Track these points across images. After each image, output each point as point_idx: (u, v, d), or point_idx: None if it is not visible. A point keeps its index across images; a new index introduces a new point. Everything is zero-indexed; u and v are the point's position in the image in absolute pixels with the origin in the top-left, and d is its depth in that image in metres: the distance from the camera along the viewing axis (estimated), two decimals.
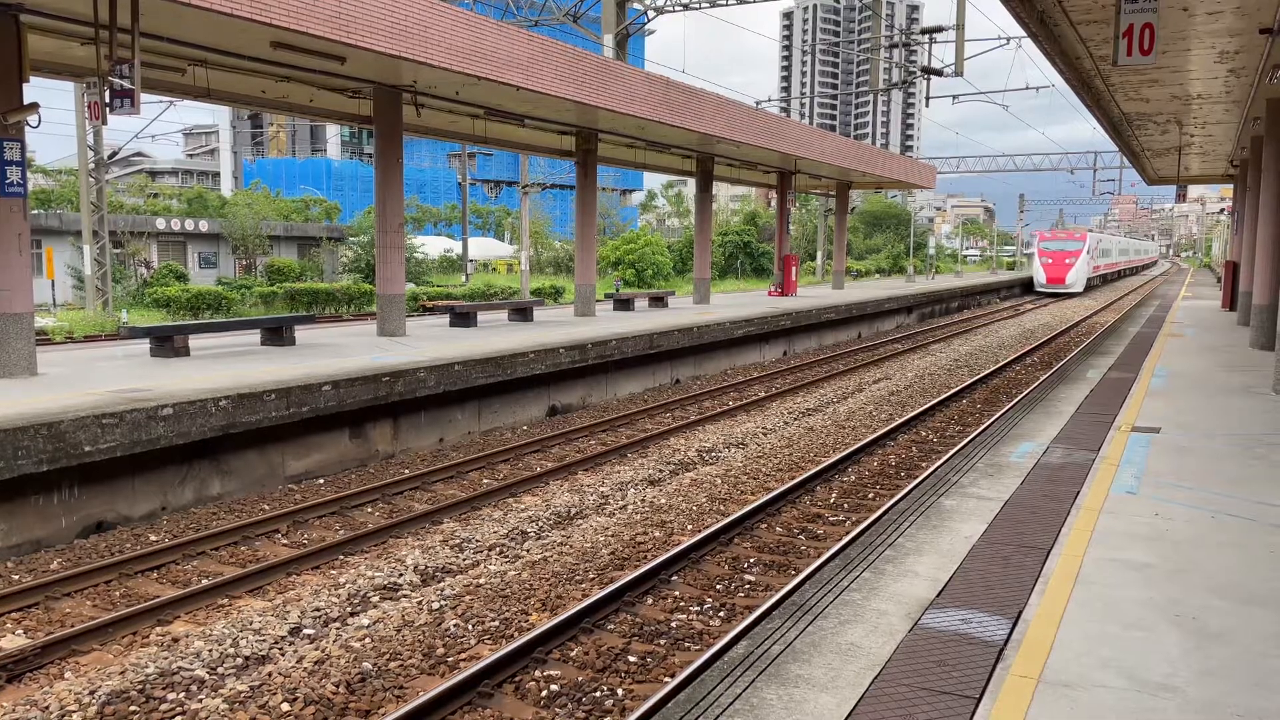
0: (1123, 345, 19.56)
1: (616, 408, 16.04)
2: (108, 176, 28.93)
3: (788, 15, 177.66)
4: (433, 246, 47.32)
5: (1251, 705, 3.93)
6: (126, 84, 10.67)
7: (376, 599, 7.32)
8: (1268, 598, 5.12)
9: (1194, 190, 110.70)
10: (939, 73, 26.80)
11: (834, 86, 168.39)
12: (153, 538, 8.88)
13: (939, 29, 27.62)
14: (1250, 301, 18.44)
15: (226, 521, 9.36)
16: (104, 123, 11.17)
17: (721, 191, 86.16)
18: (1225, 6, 10.92)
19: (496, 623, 6.85)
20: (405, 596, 7.37)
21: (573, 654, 6.35)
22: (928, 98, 29.02)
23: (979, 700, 3.99)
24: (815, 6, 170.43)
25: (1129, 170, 53.49)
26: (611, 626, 6.81)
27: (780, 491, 9.97)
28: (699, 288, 27.25)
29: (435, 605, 7.12)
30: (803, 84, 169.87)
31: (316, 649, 6.36)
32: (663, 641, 6.58)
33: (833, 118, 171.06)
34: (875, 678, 4.19)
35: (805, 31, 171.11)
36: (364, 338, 16.09)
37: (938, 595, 5.19)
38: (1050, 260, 52.76)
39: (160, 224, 35.55)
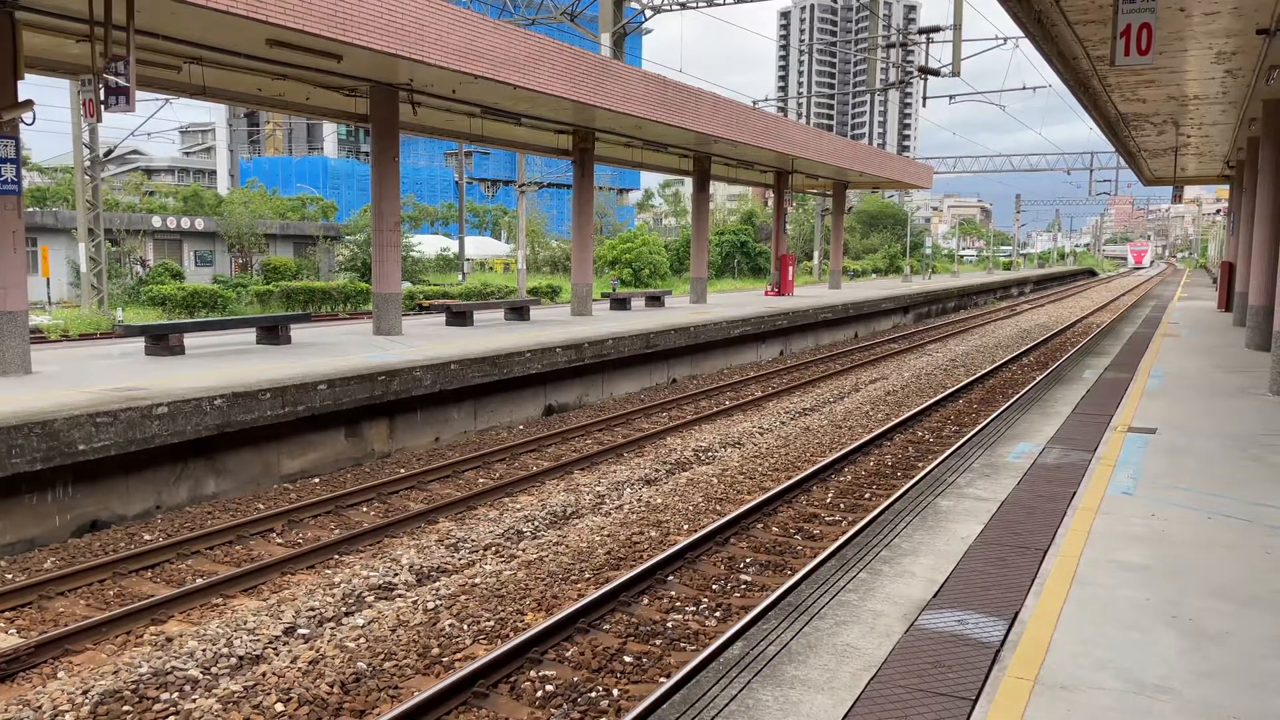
0: (1119, 346, 19.58)
1: (613, 407, 16.02)
2: (103, 174, 28.86)
3: (785, 15, 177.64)
4: (429, 245, 47.32)
5: (1249, 707, 3.92)
6: (122, 81, 10.64)
7: (371, 598, 7.30)
8: (1265, 599, 5.12)
9: (1190, 191, 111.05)
10: (936, 73, 26.80)
11: (831, 86, 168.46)
12: (147, 537, 8.85)
13: (936, 29, 27.63)
14: (1246, 303, 18.46)
15: (221, 520, 9.33)
16: (99, 120, 11.13)
17: (719, 191, 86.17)
18: (1222, 7, 10.92)
19: (492, 622, 6.83)
20: (400, 596, 7.35)
21: (568, 654, 6.33)
22: (925, 98, 28.98)
23: (975, 702, 3.98)
24: (812, 6, 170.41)
25: (1125, 171, 53.57)
26: (607, 626, 6.79)
27: (776, 491, 9.96)
28: (695, 287, 27.24)
29: (430, 605, 7.10)
30: (800, 83, 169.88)
31: (311, 649, 6.34)
32: (658, 642, 6.57)
33: (830, 117, 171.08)
34: (871, 679, 4.18)
35: (803, 31, 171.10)
36: (360, 336, 16.06)
37: (934, 596, 5.18)
38: (1135, 253, 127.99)
39: (156, 222, 35.49)
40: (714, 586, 7.65)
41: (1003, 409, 14.21)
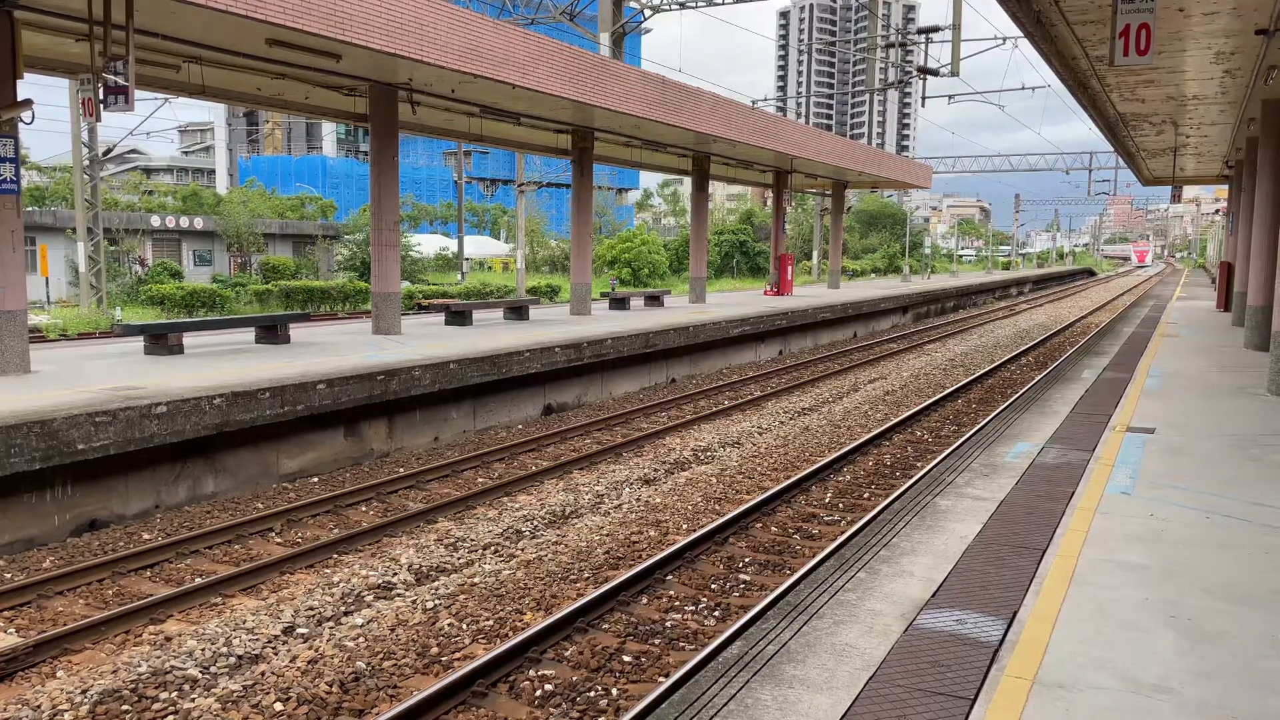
0: (1118, 345, 19.60)
1: (612, 407, 16.02)
2: (102, 174, 28.84)
3: (784, 15, 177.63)
4: (428, 245, 47.26)
5: (1247, 706, 3.92)
6: (121, 80, 10.63)
7: (370, 598, 7.30)
8: (1263, 599, 5.12)
9: (1189, 191, 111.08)
10: (935, 73, 26.81)
11: (830, 86, 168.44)
12: (146, 536, 8.85)
13: (935, 29, 27.62)
14: (1245, 302, 18.47)
15: (220, 520, 9.33)
16: (98, 119, 11.12)
17: (718, 190, 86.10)
18: (1221, 7, 10.92)
19: (491, 622, 6.83)
20: (399, 595, 7.35)
21: (567, 653, 6.33)
22: (924, 97, 28.98)
23: (974, 701, 3.99)
24: (812, 6, 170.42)
25: (1124, 171, 53.58)
26: (606, 626, 6.80)
27: (775, 491, 9.97)
28: (695, 287, 27.24)
29: (429, 604, 7.10)
30: (799, 83, 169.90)
31: (310, 648, 6.34)
32: (657, 641, 6.57)
33: (829, 117, 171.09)
34: (870, 678, 4.19)
35: (802, 31, 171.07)
36: (359, 336, 16.06)
37: (933, 596, 5.18)
38: (1138, 252, 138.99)
39: (155, 221, 35.47)
40: (713, 586, 7.65)
41: (1001, 409, 14.22)
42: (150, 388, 9.95)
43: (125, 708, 5.54)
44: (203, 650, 6.27)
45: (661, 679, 5.96)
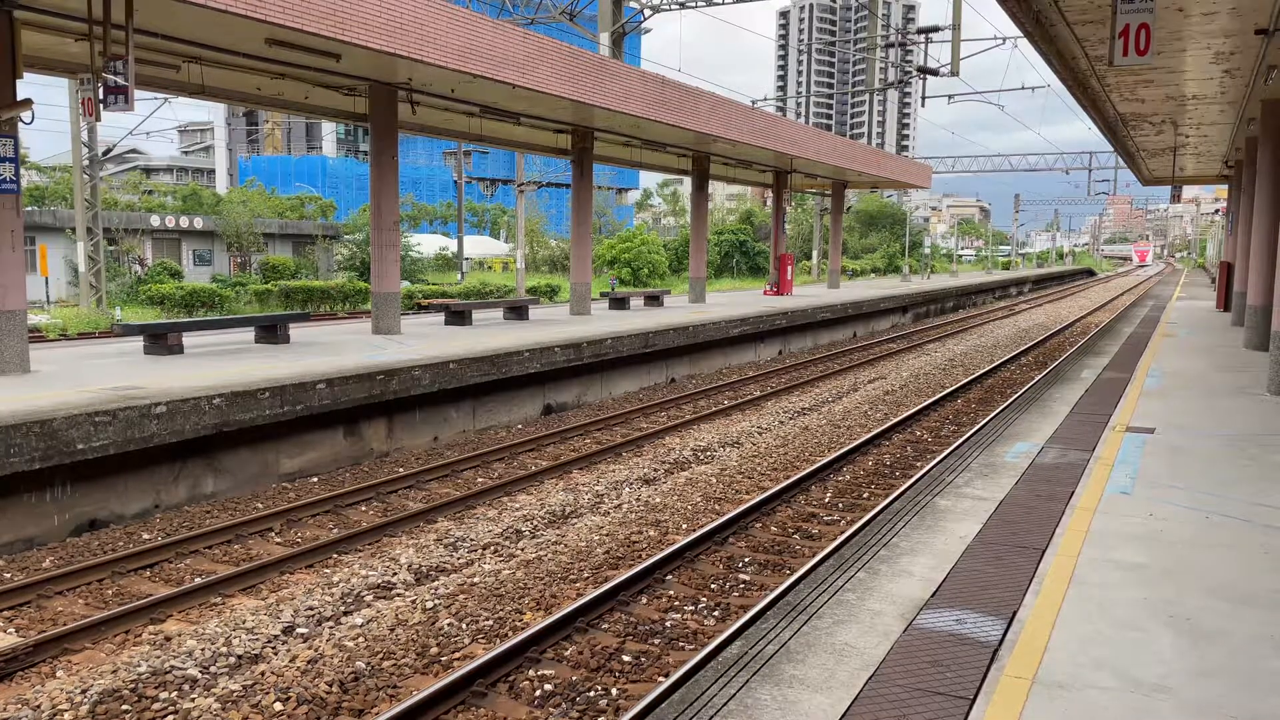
0: (1117, 345, 19.60)
1: (612, 406, 16.02)
2: (102, 173, 28.84)
3: (784, 14, 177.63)
4: (428, 244, 47.26)
5: (1247, 706, 3.92)
6: (120, 80, 10.63)
7: (370, 598, 7.30)
8: (1262, 598, 5.13)
9: (1188, 191, 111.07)
10: (935, 72, 26.81)
11: (830, 86, 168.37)
12: (145, 536, 8.85)
13: (935, 29, 27.63)
14: (1244, 302, 18.46)
15: (220, 520, 9.33)
16: (98, 119, 11.12)
17: (718, 190, 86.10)
18: (1221, 7, 10.92)
19: (490, 622, 6.83)
20: (399, 595, 7.35)
21: (567, 653, 6.33)
22: (923, 97, 29.01)
23: (973, 701, 3.99)
24: (811, 6, 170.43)
25: (1124, 170, 53.53)
26: (606, 626, 6.80)
27: (775, 491, 9.97)
28: (694, 287, 27.24)
29: (429, 604, 7.10)
30: (799, 83, 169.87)
31: (310, 648, 6.34)
32: (657, 641, 6.57)
33: (829, 117, 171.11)
34: (869, 678, 4.19)
35: (801, 31, 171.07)
36: (359, 336, 16.05)
37: (932, 595, 5.18)
38: (1139, 252, 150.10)
39: (155, 221, 35.47)
40: (712, 586, 7.65)
41: (1001, 409, 14.22)
42: (150, 387, 9.95)
43: (125, 707, 5.54)
44: (202, 650, 6.27)
45: (661, 679, 5.96)
